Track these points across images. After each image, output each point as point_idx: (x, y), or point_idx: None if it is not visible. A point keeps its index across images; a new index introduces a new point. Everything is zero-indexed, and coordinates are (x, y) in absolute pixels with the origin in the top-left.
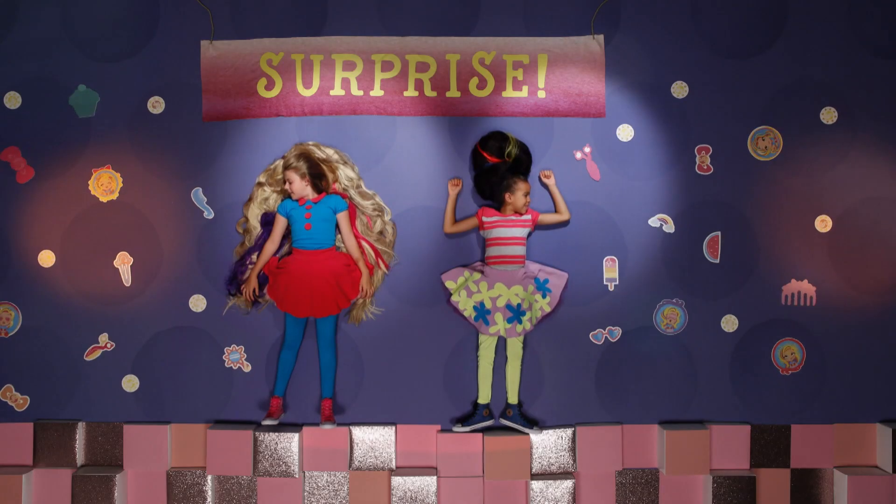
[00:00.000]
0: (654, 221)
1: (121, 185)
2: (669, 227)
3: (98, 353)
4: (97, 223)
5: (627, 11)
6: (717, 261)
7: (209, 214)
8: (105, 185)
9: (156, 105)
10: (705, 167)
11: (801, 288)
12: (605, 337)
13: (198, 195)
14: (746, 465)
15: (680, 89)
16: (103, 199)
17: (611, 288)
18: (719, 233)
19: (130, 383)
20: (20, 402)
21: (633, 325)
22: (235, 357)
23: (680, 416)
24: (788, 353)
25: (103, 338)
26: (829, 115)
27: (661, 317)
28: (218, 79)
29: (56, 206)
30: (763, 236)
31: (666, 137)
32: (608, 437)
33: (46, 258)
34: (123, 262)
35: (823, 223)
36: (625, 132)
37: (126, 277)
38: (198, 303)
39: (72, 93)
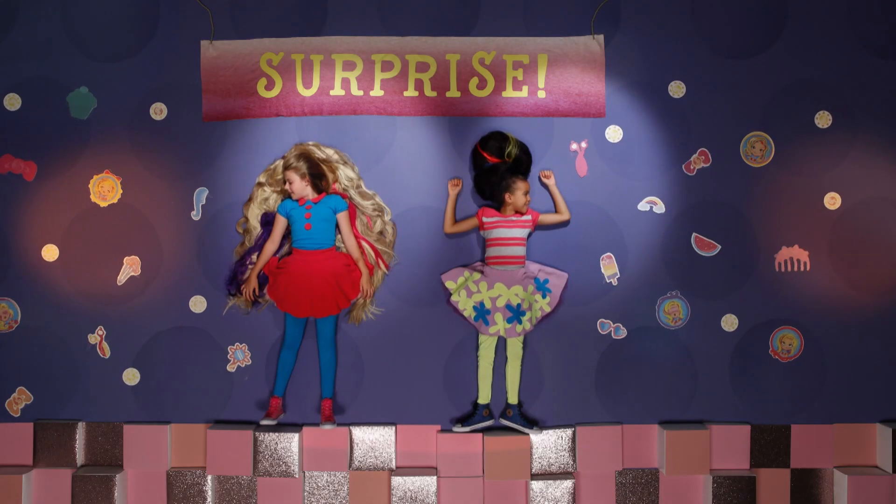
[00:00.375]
0: (643, 206)
1: (120, 191)
2: (660, 208)
3: (101, 349)
4: (98, 224)
5: (627, 11)
6: (709, 254)
7: (196, 215)
8: (105, 192)
9: (160, 112)
10: (704, 167)
11: (793, 254)
12: (612, 331)
13: (200, 196)
14: (746, 465)
15: (676, 89)
16: (103, 205)
17: (614, 283)
18: (697, 234)
19: (131, 377)
20: (16, 408)
21: (634, 325)
22: (240, 355)
23: (680, 416)
24: (787, 341)
25: (101, 331)
26: (823, 120)
27: (664, 313)
28: (218, 79)
29: (57, 207)
30: (763, 237)
31: (666, 137)
32: (608, 437)
33: (49, 253)
34: (131, 265)
35: (833, 200)
36: (614, 133)
37: (122, 278)
38: (197, 304)
39: (72, 91)
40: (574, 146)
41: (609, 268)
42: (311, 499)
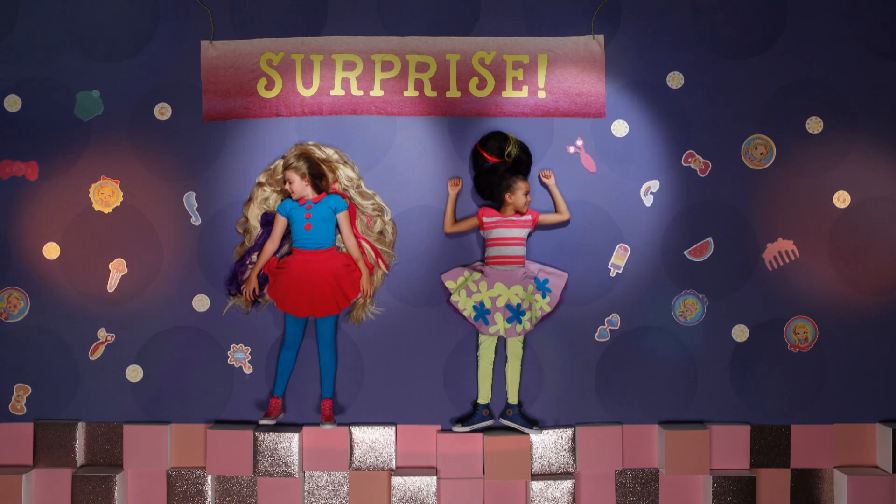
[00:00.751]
0: (647, 199)
1: (121, 194)
2: (656, 186)
3: (101, 350)
4: (98, 224)
5: (627, 11)
6: (703, 257)
7: (196, 220)
8: (105, 197)
9: (164, 112)
10: (703, 168)
11: (780, 247)
12: (608, 331)
13: (189, 200)
14: (746, 465)
15: (674, 80)
16: (105, 210)
17: (612, 274)
18: (709, 239)
19: (133, 374)
20: (19, 406)
21: (634, 325)
22: (240, 356)
23: (680, 416)
24: (801, 331)
25: (101, 332)
26: (814, 125)
27: (678, 311)
28: (218, 79)
29: (58, 207)
30: (762, 238)
31: (666, 136)
32: (608, 437)
33: (51, 252)
34: (117, 269)
35: (842, 199)
36: (619, 128)
37: (112, 284)
38: (200, 303)
39: (77, 92)
40: (571, 149)
41: (619, 258)
42: (311, 499)
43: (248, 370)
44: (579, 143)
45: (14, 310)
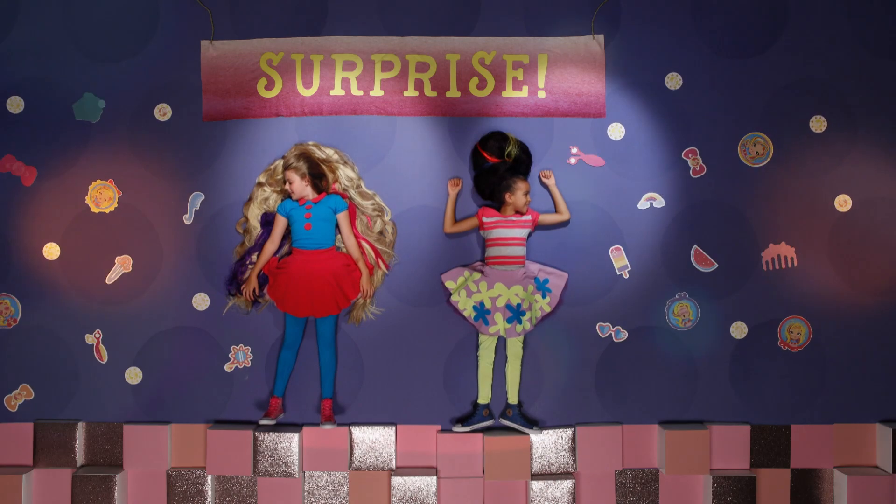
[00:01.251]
0: (643, 204)
1: (119, 194)
2: (659, 203)
3: (101, 350)
4: (98, 225)
5: (627, 11)
6: (708, 269)
7: (189, 219)
8: (103, 199)
9: (164, 113)
10: (701, 168)
11: (780, 251)
12: (612, 334)
13: (195, 200)
14: (746, 465)
15: (673, 81)
16: (104, 211)
17: (625, 275)
18: (697, 247)
19: (133, 375)
20: (14, 404)
21: (635, 325)
22: (242, 357)
23: (680, 416)
24: (795, 331)
25: (101, 333)
26: (818, 124)
27: (674, 315)
28: (218, 79)
29: (58, 207)
30: (762, 238)
31: (665, 136)
32: (608, 437)
33: (50, 252)
34: (122, 265)
35: (842, 200)
36: (619, 128)
37: (113, 277)
38: (201, 302)
39: (75, 97)
40: (572, 159)
41: (619, 259)
42: (311, 499)
43: (245, 368)
44: (574, 150)
45: (7, 313)
